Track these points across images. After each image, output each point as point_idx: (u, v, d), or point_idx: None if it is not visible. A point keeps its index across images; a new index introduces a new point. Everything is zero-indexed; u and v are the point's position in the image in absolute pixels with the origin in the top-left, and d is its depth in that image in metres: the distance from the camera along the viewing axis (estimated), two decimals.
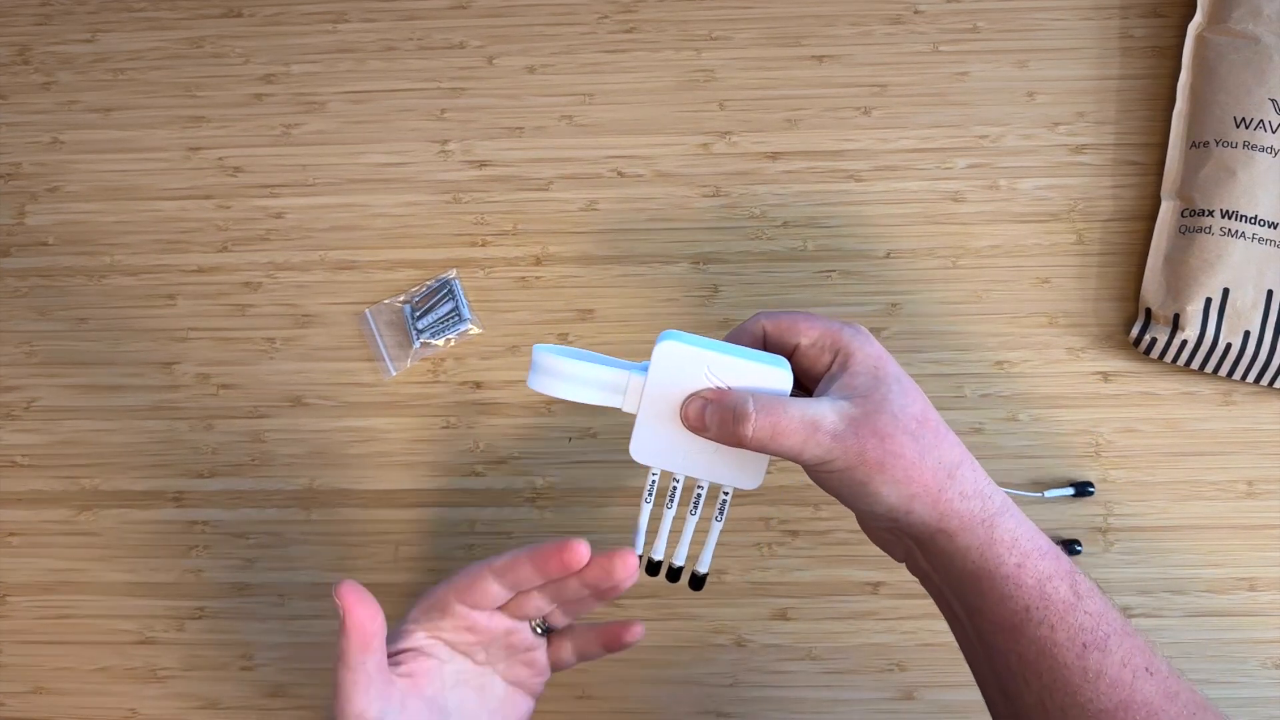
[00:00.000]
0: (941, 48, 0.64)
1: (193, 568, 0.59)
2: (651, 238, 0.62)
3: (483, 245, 0.63)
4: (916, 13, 0.65)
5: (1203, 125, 0.60)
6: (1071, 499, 0.58)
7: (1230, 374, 0.58)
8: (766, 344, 0.42)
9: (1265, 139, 0.58)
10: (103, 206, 0.65)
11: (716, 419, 0.38)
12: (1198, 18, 0.62)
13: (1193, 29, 0.62)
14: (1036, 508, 0.58)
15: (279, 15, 0.67)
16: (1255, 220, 0.57)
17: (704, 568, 0.43)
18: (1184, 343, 0.57)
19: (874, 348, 0.40)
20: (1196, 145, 0.60)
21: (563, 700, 0.57)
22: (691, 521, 0.43)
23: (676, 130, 0.64)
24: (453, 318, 0.61)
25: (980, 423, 0.59)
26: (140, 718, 0.58)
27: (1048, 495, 0.57)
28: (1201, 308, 0.57)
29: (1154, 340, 0.58)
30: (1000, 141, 0.63)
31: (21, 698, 0.58)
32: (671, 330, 0.41)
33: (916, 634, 0.57)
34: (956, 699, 0.56)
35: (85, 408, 0.62)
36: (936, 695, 0.56)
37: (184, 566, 0.60)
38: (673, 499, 0.42)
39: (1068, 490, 0.57)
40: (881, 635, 0.57)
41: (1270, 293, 0.57)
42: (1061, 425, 0.59)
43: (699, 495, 0.42)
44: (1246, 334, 0.56)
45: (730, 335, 0.43)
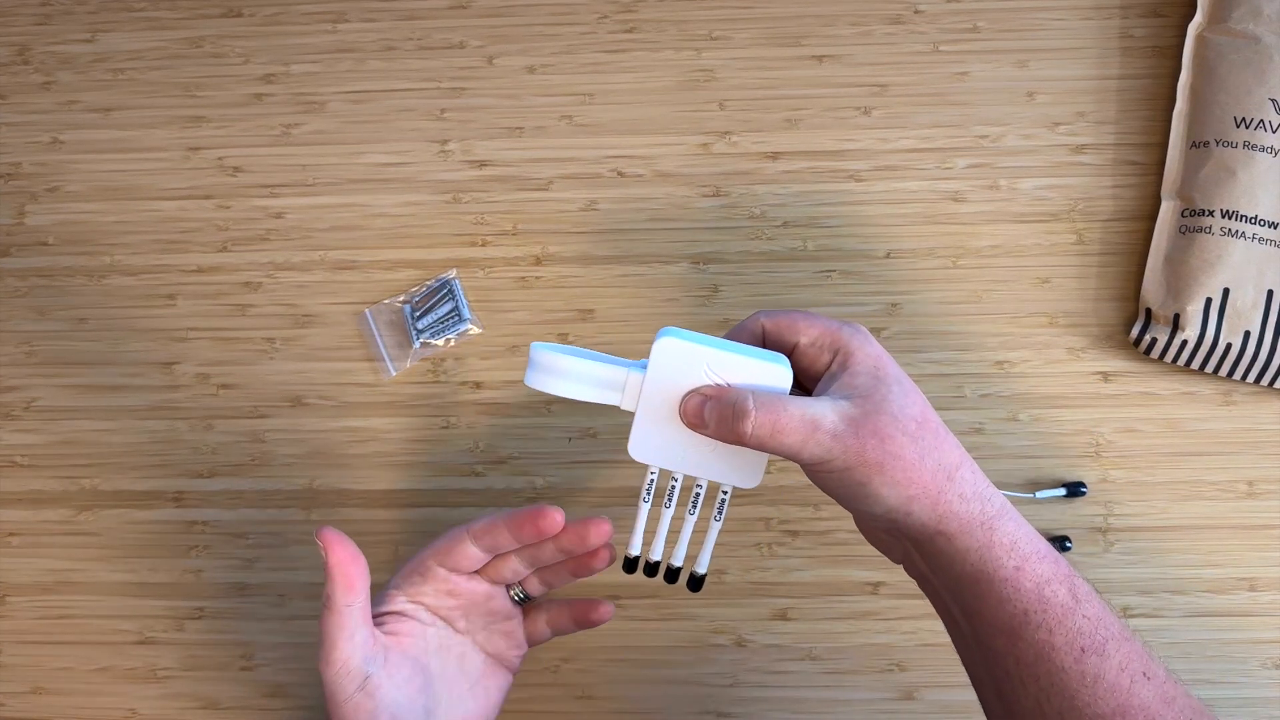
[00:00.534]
0: (941, 48, 0.64)
1: (192, 568, 0.59)
2: (651, 238, 0.62)
3: (483, 245, 0.63)
4: (916, 13, 0.65)
5: (1203, 125, 0.60)
6: (1068, 499, 0.58)
7: (1230, 374, 0.58)
8: (766, 342, 0.42)
9: (1265, 139, 0.58)
10: (103, 206, 0.65)
11: (716, 415, 0.38)
12: (1198, 18, 0.62)
13: (1193, 29, 0.62)
14: (1036, 507, 0.58)
15: (279, 15, 0.67)
16: (1255, 220, 0.57)
17: (702, 568, 0.43)
18: (1184, 343, 0.57)
19: (874, 348, 0.40)
20: (1197, 145, 0.60)
21: (563, 700, 0.57)
22: (690, 521, 0.42)
23: (676, 130, 0.64)
24: (453, 318, 0.61)
25: (980, 423, 0.59)
26: (140, 718, 0.58)
27: (1039, 496, 0.57)
28: (1202, 308, 0.57)
29: (1154, 340, 0.58)
30: (1000, 141, 0.63)
31: (21, 698, 0.58)
32: (670, 327, 0.40)
33: (916, 634, 0.57)
34: (956, 699, 0.56)
35: (85, 408, 0.62)
36: (936, 695, 0.56)
37: (184, 566, 0.60)
38: (671, 498, 0.42)
39: (1059, 491, 0.57)
40: (881, 635, 0.57)
41: (1270, 293, 0.57)
42: (1061, 425, 0.59)
43: (697, 494, 0.42)
44: (1247, 334, 0.56)
45: (730, 333, 0.43)
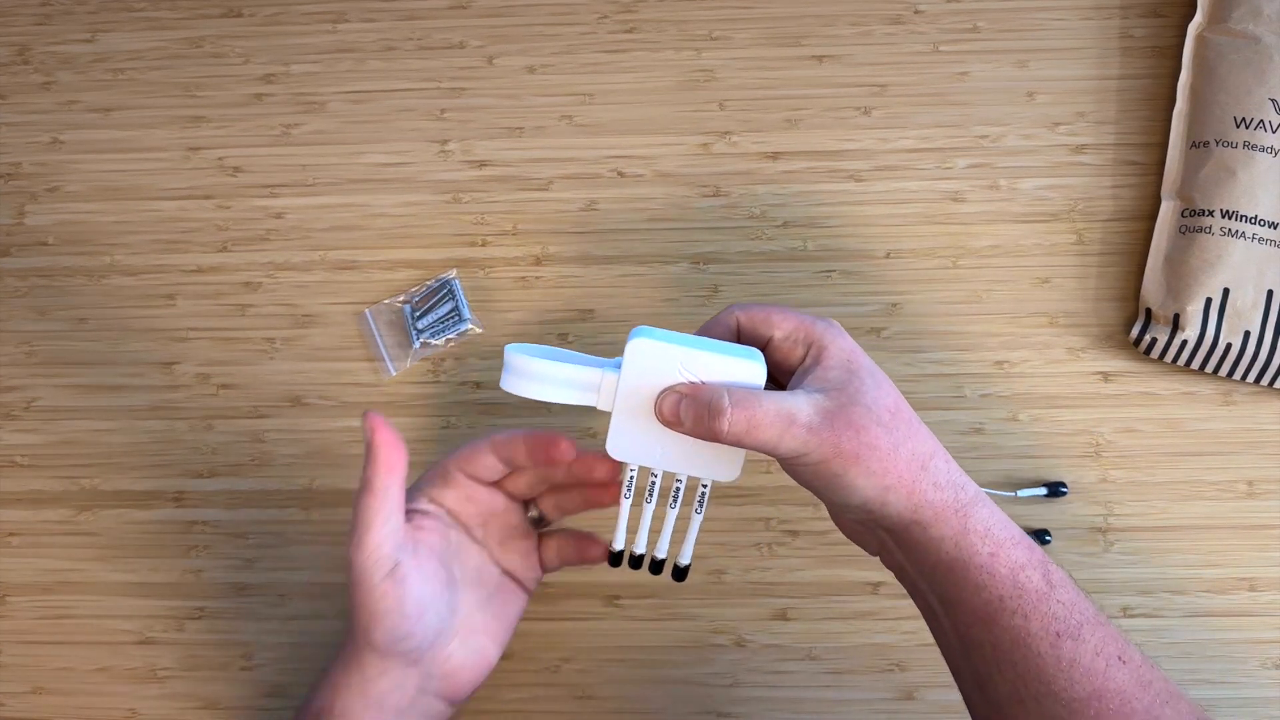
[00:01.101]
0: (941, 48, 0.64)
1: (193, 568, 0.59)
2: (651, 238, 0.62)
3: (483, 245, 0.63)
4: (916, 13, 0.65)
5: (1203, 125, 0.60)
6: (1054, 500, 0.58)
7: (1230, 374, 0.58)
8: (740, 336, 0.42)
9: (1265, 139, 0.58)
10: (103, 206, 0.65)
11: (692, 414, 0.38)
12: (1198, 18, 0.62)
13: (1193, 29, 0.62)
14: (1035, 508, 0.58)
15: (279, 15, 0.67)
16: (1255, 220, 0.57)
17: (685, 559, 0.44)
18: (1184, 343, 0.57)
19: (846, 341, 0.40)
20: (1196, 145, 0.60)
21: (563, 700, 0.57)
22: (671, 515, 0.43)
23: (676, 130, 0.64)
24: (453, 318, 0.61)
25: (980, 423, 0.59)
26: (140, 718, 0.58)
27: (1020, 495, 0.57)
28: (1202, 308, 0.57)
29: (1154, 340, 0.58)
30: (1000, 141, 0.63)
31: (21, 698, 0.58)
32: (643, 326, 0.41)
33: (916, 634, 0.57)
34: (956, 699, 0.56)
35: (85, 408, 0.62)
36: (936, 695, 0.56)
37: (184, 566, 0.60)
38: (651, 494, 0.42)
39: (1040, 490, 0.57)
40: (881, 635, 0.57)
41: (1270, 293, 0.57)
42: (1061, 425, 0.59)
43: (678, 489, 0.42)
44: (1247, 334, 0.56)
45: (703, 328, 0.43)
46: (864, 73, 0.64)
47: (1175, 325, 0.57)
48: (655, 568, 0.44)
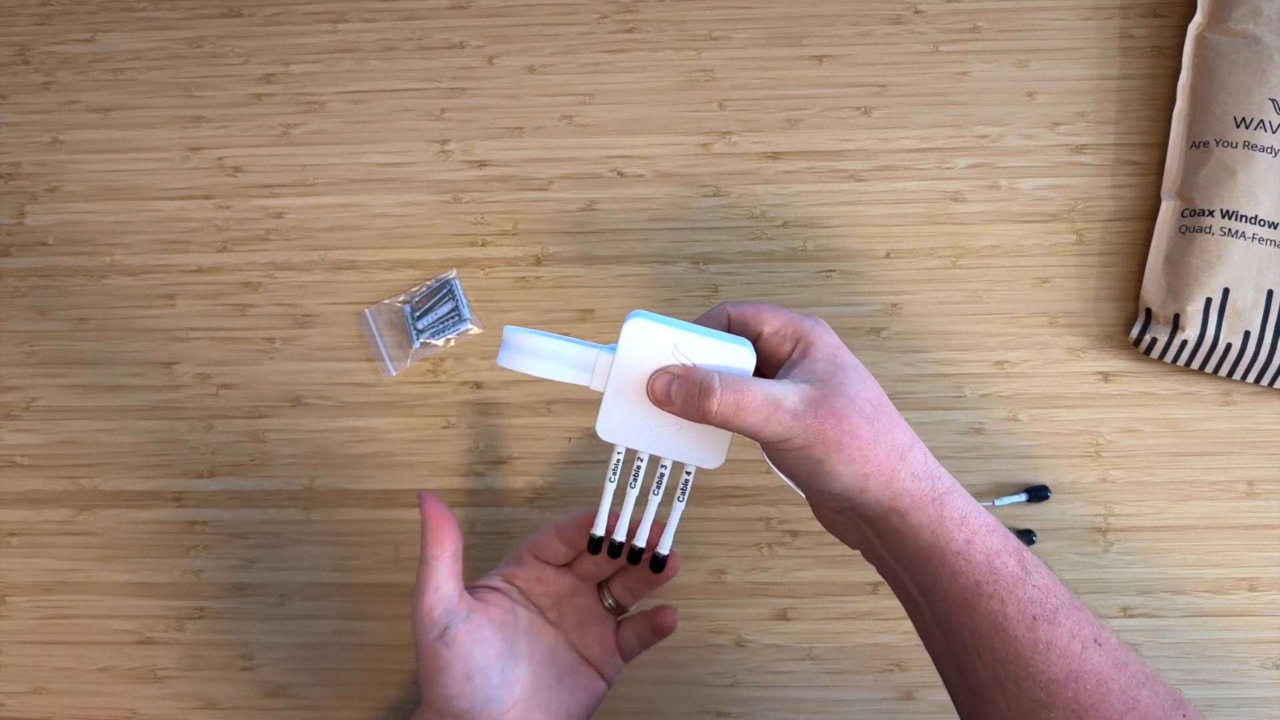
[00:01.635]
0: (941, 48, 0.64)
1: (193, 568, 0.59)
2: (651, 238, 0.62)
3: (483, 245, 0.63)
4: (916, 13, 0.65)
5: (1203, 125, 0.60)
6: (1062, 499, 0.58)
7: (1230, 374, 0.58)
8: (730, 332, 0.43)
9: (1265, 139, 0.58)
10: (103, 206, 0.65)
11: (682, 394, 0.39)
12: (1198, 18, 0.62)
13: (1193, 29, 0.62)
14: (1034, 508, 0.58)
15: (279, 15, 0.67)
16: (1255, 220, 0.57)
17: (665, 549, 0.44)
18: (1184, 343, 0.57)
19: (832, 338, 0.42)
20: (1196, 145, 0.60)
21: None
22: (654, 501, 0.43)
23: (676, 130, 0.64)
24: (453, 318, 0.61)
25: (980, 423, 0.59)
26: (140, 718, 0.58)
27: (997, 504, 0.57)
28: (1201, 308, 0.57)
29: (1154, 340, 0.58)
30: (1000, 141, 0.63)
31: (21, 698, 0.59)
32: (640, 310, 0.41)
33: (916, 634, 0.56)
34: None
35: (85, 408, 0.62)
36: (936, 695, 0.56)
37: (184, 566, 0.60)
38: (636, 478, 0.43)
39: (1020, 497, 0.57)
40: (881, 635, 0.57)
41: (1270, 293, 0.57)
42: (1061, 425, 0.59)
43: (662, 475, 0.43)
44: (1246, 334, 0.56)
45: (696, 322, 0.44)
46: (864, 73, 0.64)
47: (1175, 325, 0.57)
48: (634, 556, 0.44)
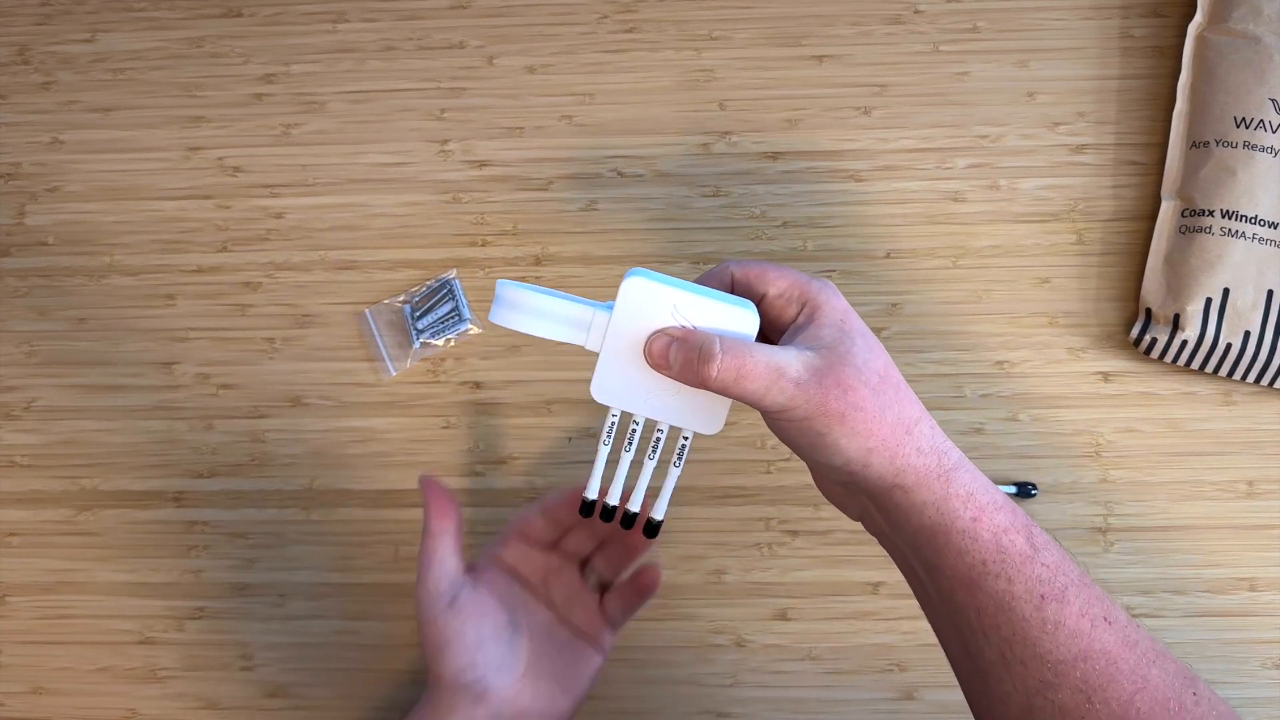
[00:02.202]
0: (941, 48, 0.64)
1: (193, 568, 0.59)
2: (651, 238, 0.62)
3: (483, 245, 0.63)
4: (916, 13, 0.65)
5: (1203, 125, 0.60)
6: (1063, 500, 0.58)
7: (1230, 374, 0.58)
8: (734, 291, 0.42)
9: (1265, 139, 0.58)
10: (103, 206, 0.65)
11: (681, 357, 0.38)
12: (1198, 18, 0.62)
13: (1193, 29, 0.62)
14: (1034, 508, 0.58)
15: (279, 15, 0.67)
16: (1255, 220, 0.57)
17: (659, 514, 0.42)
18: (1184, 343, 0.57)
19: (840, 302, 0.40)
20: (1197, 145, 0.60)
21: None
22: (649, 466, 0.42)
23: (676, 130, 0.64)
24: (453, 318, 0.61)
25: (980, 423, 0.59)
26: (140, 718, 0.58)
27: None
28: (1202, 308, 0.57)
29: (1154, 340, 0.58)
30: (1000, 141, 0.63)
31: (21, 698, 0.58)
32: (639, 268, 0.40)
33: (916, 634, 0.57)
34: (956, 699, 0.56)
35: (85, 408, 0.62)
36: (936, 695, 0.56)
37: (184, 566, 0.60)
38: (631, 442, 0.41)
39: (1009, 489, 0.57)
40: (881, 635, 0.57)
41: (1270, 293, 0.57)
42: (1061, 425, 0.59)
43: (658, 439, 0.41)
44: (1246, 334, 0.56)
45: (699, 279, 0.43)
46: (864, 73, 0.64)
47: (1175, 325, 0.57)
48: (627, 521, 0.42)
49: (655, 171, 0.63)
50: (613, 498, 0.42)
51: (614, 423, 0.41)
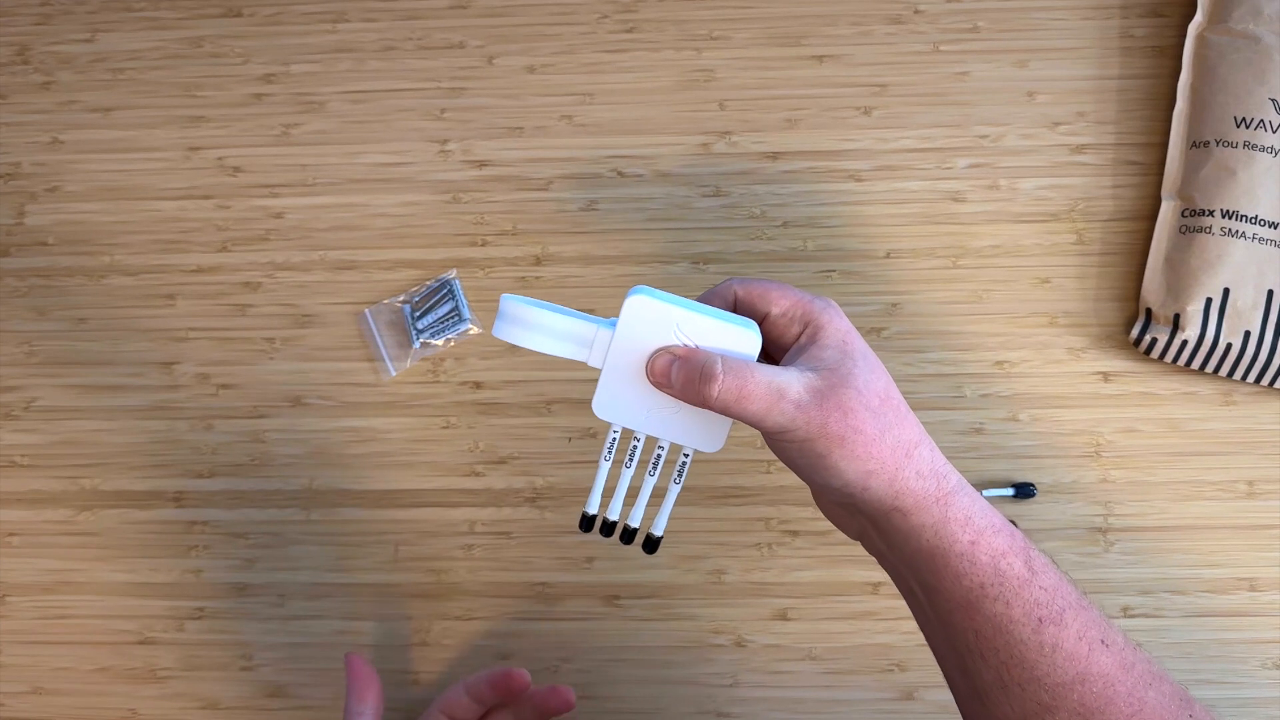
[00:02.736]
0: (941, 48, 0.64)
1: (193, 568, 0.59)
2: (651, 238, 0.62)
3: (483, 245, 0.63)
4: (916, 13, 0.65)
5: (1203, 125, 0.60)
6: (1063, 500, 0.58)
7: (1230, 374, 0.58)
8: (737, 309, 0.42)
9: (1266, 139, 0.58)
10: (102, 206, 0.65)
11: (682, 376, 0.38)
12: (1198, 17, 0.62)
13: (1193, 29, 0.62)
14: (1034, 508, 0.58)
15: (279, 15, 0.67)
16: (1256, 220, 0.57)
17: (659, 530, 0.42)
18: (1184, 343, 0.57)
19: (843, 322, 0.40)
20: (1197, 145, 0.60)
21: None
22: (650, 482, 0.42)
23: (676, 130, 0.64)
24: (453, 318, 0.61)
25: (980, 423, 0.59)
26: (140, 718, 0.58)
27: (984, 495, 0.57)
28: (1202, 308, 0.57)
29: (1154, 340, 0.58)
30: (1000, 141, 0.63)
31: (21, 698, 0.59)
32: (643, 285, 0.40)
33: (916, 634, 0.56)
34: None
35: (85, 408, 0.62)
36: (936, 695, 0.56)
37: (184, 566, 0.60)
38: (632, 459, 0.41)
39: (1007, 491, 0.57)
40: (881, 635, 0.57)
41: (1271, 293, 0.57)
42: (1061, 425, 0.59)
43: (659, 456, 0.41)
44: (1247, 334, 0.56)
45: (701, 297, 0.43)
46: (864, 73, 0.64)
47: (1175, 325, 0.57)
48: (626, 537, 0.43)
49: (655, 171, 0.63)
50: (612, 513, 0.42)
51: (615, 439, 0.41)
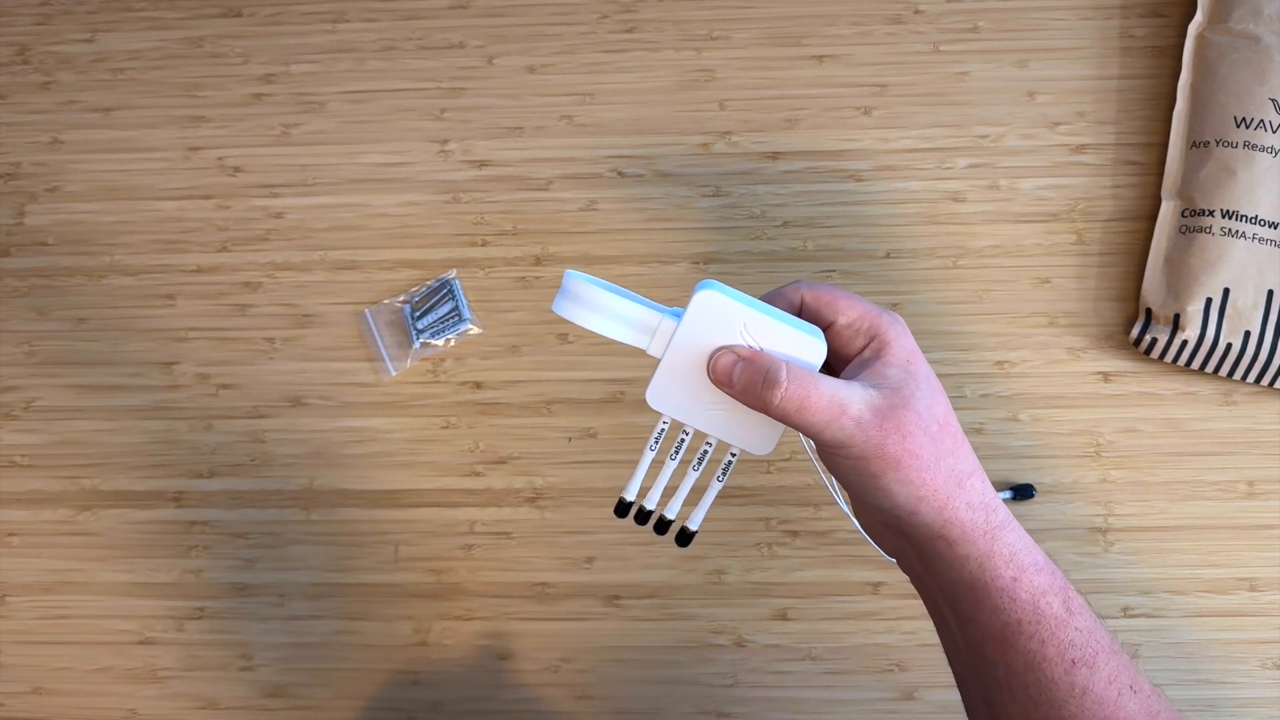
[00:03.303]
0: (941, 48, 0.64)
1: (193, 568, 0.59)
2: (651, 238, 0.62)
3: (483, 245, 0.63)
4: (916, 13, 0.65)
5: (1203, 125, 0.60)
6: (1062, 500, 0.58)
7: (1230, 374, 0.58)
8: (802, 314, 0.42)
9: (1265, 139, 0.58)
10: (103, 206, 0.65)
11: (745, 378, 0.38)
12: (1198, 17, 0.62)
13: (1193, 29, 0.62)
14: (1034, 507, 0.58)
15: (279, 15, 0.67)
16: (1256, 220, 0.57)
17: (694, 525, 0.42)
18: (1184, 343, 0.57)
19: (909, 341, 0.40)
20: (1197, 145, 0.60)
21: (563, 700, 0.57)
22: (691, 477, 0.42)
23: (676, 130, 0.64)
24: (453, 318, 0.61)
25: (980, 423, 0.59)
26: (140, 718, 0.58)
27: None
28: (1202, 308, 0.57)
29: (1154, 340, 0.57)
30: (1000, 141, 0.63)
31: (21, 698, 0.58)
32: (711, 280, 0.40)
33: (916, 634, 0.57)
34: (956, 699, 0.56)
35: (85, 408, 0.62)
36: (936, 695, 0.56)
37: (184, 566, 0.60)
38: (677, 452, 0.41)
39: (1005, 494, 0.57)
40: (881, 635, 0.57)
41: (1271, 293, 0.57)
42: (1061, 425, 0.59)
43: (704, 453, 0.41)
44: (1247, 334, 0.56)
45: (766, 297, 0.42)
46: (864, 73, 0.64)
47: (1175, 325, 0.57)
48: (661, 527, 0.42)
49: (655, 171, 0.63)
50: (650, 502, 0.42)
51: (664, 429, 0.41)
